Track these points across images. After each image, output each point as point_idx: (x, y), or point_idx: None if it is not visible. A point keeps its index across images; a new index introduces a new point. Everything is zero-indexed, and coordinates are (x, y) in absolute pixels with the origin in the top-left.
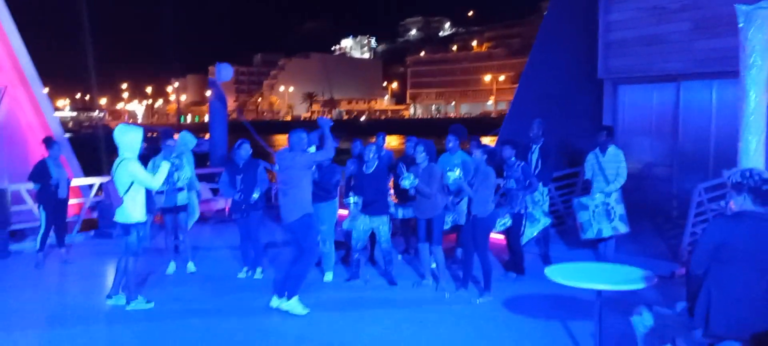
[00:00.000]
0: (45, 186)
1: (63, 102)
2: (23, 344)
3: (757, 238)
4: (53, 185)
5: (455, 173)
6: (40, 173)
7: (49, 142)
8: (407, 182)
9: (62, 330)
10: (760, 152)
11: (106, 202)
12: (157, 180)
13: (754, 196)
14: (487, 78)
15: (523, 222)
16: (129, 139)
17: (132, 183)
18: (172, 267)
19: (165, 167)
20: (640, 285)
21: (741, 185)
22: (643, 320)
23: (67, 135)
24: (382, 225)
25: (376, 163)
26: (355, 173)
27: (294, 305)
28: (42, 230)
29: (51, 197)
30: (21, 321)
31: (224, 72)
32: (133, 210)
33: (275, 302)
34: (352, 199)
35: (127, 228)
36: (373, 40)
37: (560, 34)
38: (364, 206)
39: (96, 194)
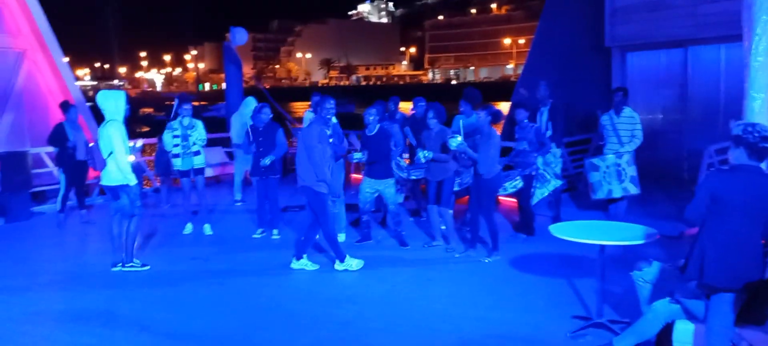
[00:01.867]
0: (63, 149)
1: (83, 72)
2: (46, 303)
3: (750, 191)
4: (70, 147)
5: (457, 139)
6: (58, 136)
7: (65, 105)
8: (422, 157)
9: (82, 289)
10: (765, 109)
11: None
12: (122, 153)
13: (750, 151)
14: (507, 41)
15: (534, 183)
16: (111, 104)
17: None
18: (188, 228)
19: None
20: (640, 241)
21: (740, 138)
22: (642, 275)
23: (89, 104)
24: (387, 187)
25: (377, 126)
26: (361, 136)
27: (348, 262)
28: (61, 192)
29: (69, 160)
30: (43, 280)
31: (239, 36)
32: (117, 173)
33: (295, 263)
34: (356, 155)
35: (114, 191)
36: (390, 5)
37: (568, 2)
38: (368, 168)
39: None
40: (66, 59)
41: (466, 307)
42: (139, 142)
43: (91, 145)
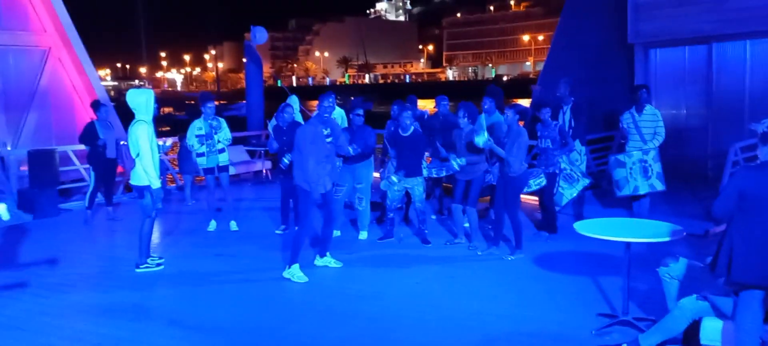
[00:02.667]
0: (94, 147)
1: (104, 72)
2: (77, 297)
3: None
4: (101, 145)
5: (484, 136)
6: (89, 135)
7: (96, 105)
8: (455, 164)
9: (111, 284)
10: None
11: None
12: (148, 155)
13: None
14: (526, 38)
15: (557, 181)
16: (141, 101)
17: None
18: (212, 225)
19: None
20: (666, 238)
21: (766, 135)
22: (669, 271)
23: (111, 103)
24: (416, 186)
25: (412, 128)
26: (393, 136)
27: (294, 271)
28: (90, 189)
29: (99, 158)
30: (73, 275)
31: (259, 35)
32: (142, 174)
33: (318, 261)
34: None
35: (140, 190)
36: (408, 2)
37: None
38: (400, 167)
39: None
40: None
41: (492, 304)
42: (169, 141)
43: (122, 143)
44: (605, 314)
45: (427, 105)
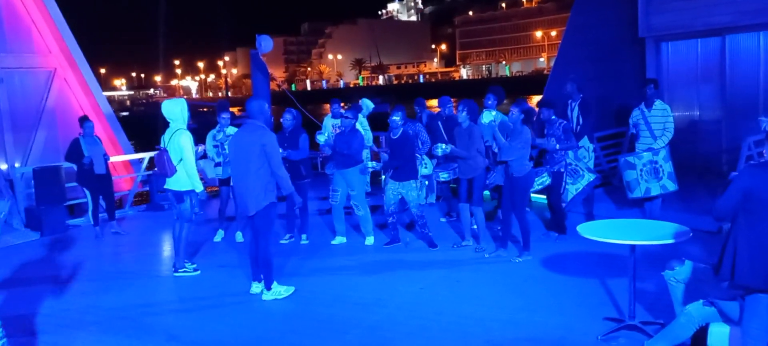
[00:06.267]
0: (80, 165)
1: (120, 81)
2: (77, 312)
3: None
4: (86, 163)
5: (442, 146)
6: (74, 153)
7: (82, 120)
8: (439, 150)
9: (111, 298)
10: None
11: (160, 172)
12: (192, 160)
13: None
14: (539, 34)
15: (564, 180)
16: (177, 111)
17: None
18: (219, 235)
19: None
20: (670, 240)
21: None
22: (675, 275)
23: (124, 113)
24: (409, 190)
25: (401, 129)
26: (385, 138)
27: (276, 291)
28: (90, 207)
29: (87, 175)
30: (75, 291)
31: (265, 43)
32: (185, 179)
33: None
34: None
35: (179, 196)
36: (419, 2)
37: None
38: (392, 171)
39: (146, 169)
40: (103, 70)
41: (496, 309)
42: (201, 148)
43: (120, 158)
44: (612, 318)
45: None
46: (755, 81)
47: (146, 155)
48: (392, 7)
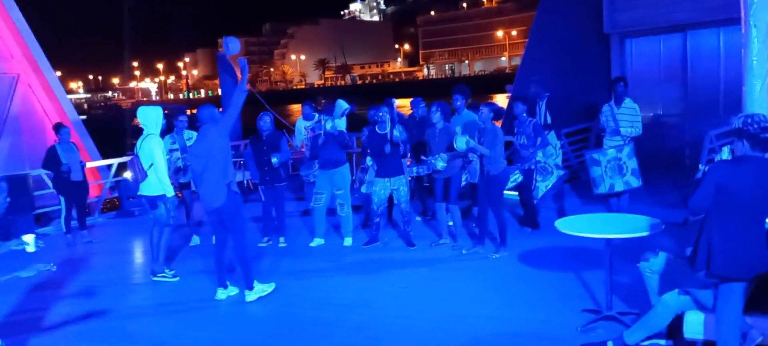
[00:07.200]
0: (57, 172)
1: (76, 84)
2: (55, 322)
3: (755, 181)
4: (64, 170)
5: (464, 139)
6: (51, 160)
7: (57, 127)
8: (440, 163)
9: (91, 307)
10: (764, 96)
11: (131, 180)
12: (162, 164)
13: (752, 142)
14: (500, 33)
15: (534, 177)
16: (152, 117)
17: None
18: (195, 240)
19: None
20: (645, 232)
21: (741, 130)
22: (649, 266)
23: (82, 117)
24: (401, 186)
25: (389, 125)
26: (370, 136)
27: (257, 290)
28: (63, 214)
29: (65, 182)
30: (51, 301)
31: (232, 45)
32: (157, 183)
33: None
34: (368, 161)
35: (153, 201)
36: (381, 2)
37: None
38: (381, 168)
39: (115, 175)
40: (58, 73)
41: (477, 305)
42: (175, 155)
43: (89, 164)
44: (590, 310)
45: (405, 104)
46: (716, 76)
47: (114, 161)
48: (354, 7)
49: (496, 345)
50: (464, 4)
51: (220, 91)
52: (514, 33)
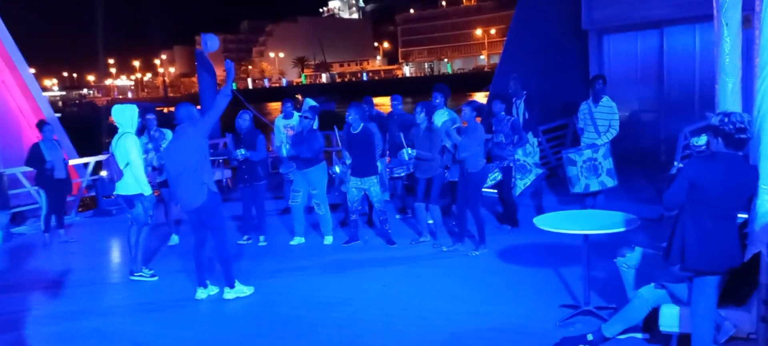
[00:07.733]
0: (41, 170)
1: (50, 82)
2: (36, 323)
3: (728, 178)
4: (48, 168)
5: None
6: (35, 157)
7: (41, 125)
8: (406, 155)
9: (71, 307)
10: (737, 94)
11: (107, 179)
12: (139, 163)
13: (727, 141)
14: (478, 32)
15: (514, 174)
16: (127, 116)
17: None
18: (174, 239)
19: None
20: (621, 228)
21: (717, 129)
22: (626, 261)
23: (57, 115)
24: (372, 186)
25: (361, 125)
26: (344, 135)
27: (238, 290)
28: (44, 212)
29: (48, 180)
30: (32, 302)
31: (210, 42)
32: (133, 183)
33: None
34: (337, 168)
35: (130, 200)
36: (360, 0)
37: None
38: (354, 167)
39: (92, 173)
40: (32, 71)
41: (458, 302)
42: (151, 155)
43: (72, 162)
44: (568, 305)
45: (385, 102)
46: (691, 72)
47: (92, 159)
48: (333, 4)
49: (476, 341)
50: (443, 3)
51: (197, 88)
52: (492, 31)
